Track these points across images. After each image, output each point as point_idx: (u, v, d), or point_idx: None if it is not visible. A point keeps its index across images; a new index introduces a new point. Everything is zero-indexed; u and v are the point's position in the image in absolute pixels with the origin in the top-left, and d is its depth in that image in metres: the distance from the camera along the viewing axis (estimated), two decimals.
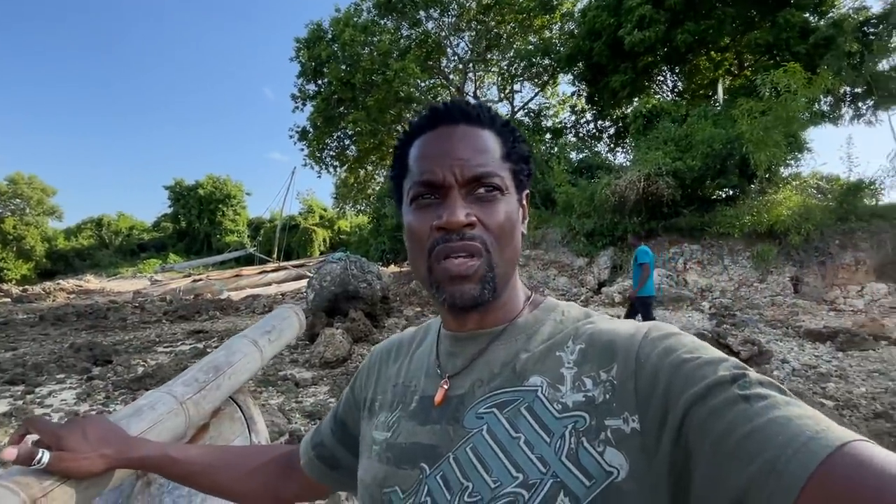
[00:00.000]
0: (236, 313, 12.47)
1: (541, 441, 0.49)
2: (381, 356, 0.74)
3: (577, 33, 16.88)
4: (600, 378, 0.51)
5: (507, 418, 0.53)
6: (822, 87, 10.81)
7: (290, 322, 1.41)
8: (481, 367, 0.59)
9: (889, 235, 10.12)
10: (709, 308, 9.14)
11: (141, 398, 0.87)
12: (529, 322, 0.61)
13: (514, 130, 0.62)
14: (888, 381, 4.86)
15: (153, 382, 5.30)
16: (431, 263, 0.57)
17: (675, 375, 0.45)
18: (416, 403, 0.62)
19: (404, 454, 0.58)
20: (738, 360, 0.46)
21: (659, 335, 0.51)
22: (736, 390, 0.42)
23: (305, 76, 21.00)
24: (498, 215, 0.57)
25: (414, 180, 0.59)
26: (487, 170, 0.57)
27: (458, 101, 0.61)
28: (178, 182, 44.82)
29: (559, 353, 0.56)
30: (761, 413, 0.39)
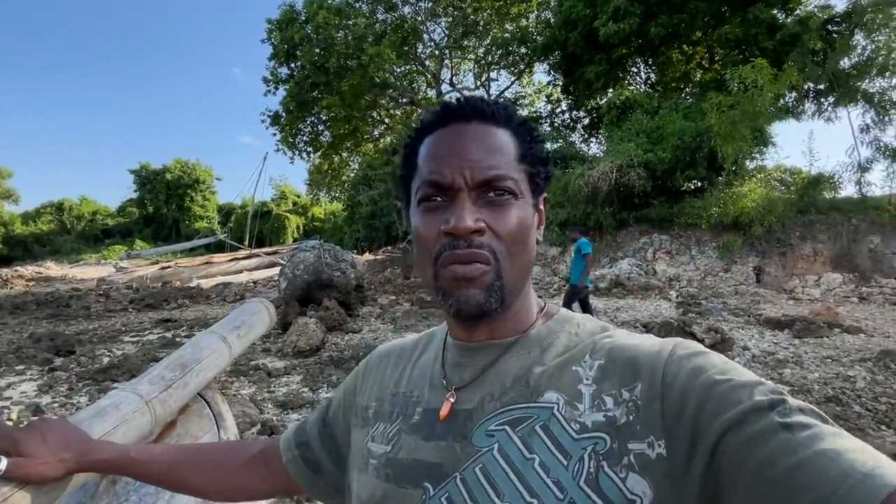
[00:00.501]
0: (206, 301, 12.21)
1: (557, 464, 0.46)
2: (379, 361, 0.70)
3: (554, 23, 16.91)
4: (622, 397, 0.48)
5: (520, 437, 0.49)
6: (787, 83, 11.15)
7: (260, 316, 1.39)
8: (492, 381, 0.55)
9: (845, 228, 10.60)
10: (676, 297, 9.42)
11: (104, 398, 0.85)
12: (543, 334, 0.58)
13: (531, 130, 0.59)
14: (839, 367, 5.13)
15: (119, 373, 5.17)
16: (437, 269, 0.54)
17: (706, 398, 0.42)
18: (418, 416, 0.58)
19: (406, 472, 0.54)
20: (715, 351, 0.46)
21: (686, 353, 0.48)
22: (776, 417, 0.39)
23: (278, 59, 20.45)
24: (509, 221, 0.53)
25: (422, 180, 0.56)
26: (500, 172, 0.53)
27: (473, 98, 0.57)
28: (143, 166, 43.32)
29: (576, 367, 0.52)
30: (806, 444, 0.36)
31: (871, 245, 10.27)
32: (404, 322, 7.95)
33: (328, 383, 5.02)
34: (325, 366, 5.65)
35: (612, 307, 8.46)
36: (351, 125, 22.14)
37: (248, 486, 0.73)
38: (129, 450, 0.72)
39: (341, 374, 5.29)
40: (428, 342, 0.68)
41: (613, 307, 8.47)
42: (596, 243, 8.26)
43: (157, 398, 0.91)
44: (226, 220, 41.03)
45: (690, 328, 6.11)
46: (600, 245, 12.13)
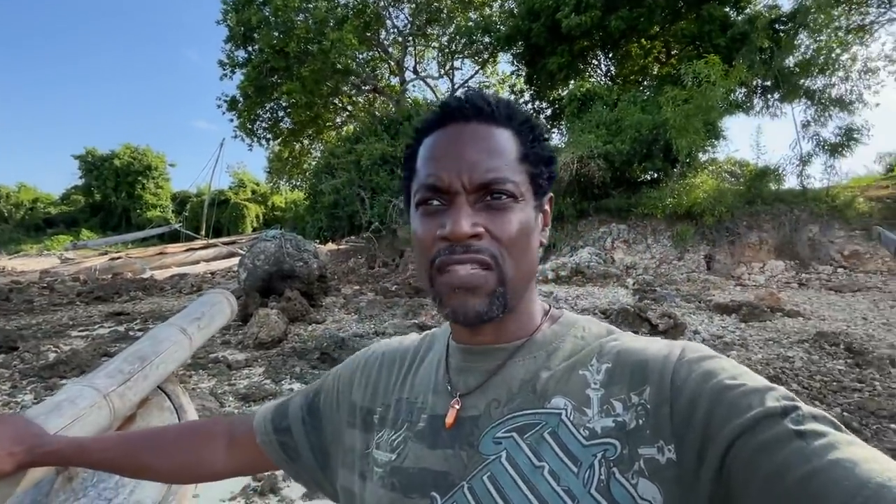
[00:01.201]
0: (161, 293, 11.76)
1: (567, 471, 0.46)
2: (378, 360, 0.68)
3: (517, 13, 16.97)
4: (631, 401, 0.47)
5: (528, 444, 0.49)
6: (738, 79, 11.65)
7: (221, 308, 1.38)
8: (498, 386, 0.54)
9: (787, 218, 11.24)
10: (633, 284, 9.77)
11: (59, 392, 0.83)
12: (549, 338, 0.57)
13: (534, 128, 0.57)
14: (780, 349, 5.49)
15: (68, 369, 4.94)
16: (433, 274, 0.52)
17: (716, 403, 0.42)
18: (424, 423, 0.56)
19: (413, 481, 0.53)
20: (660, 333, 0.48)
21: (696, 357, 0.47)
22: (789, 424, 0.38)
23: (234, 41, 19.66)
24: (509, 225, 0.52)
25: (420, 183, 0.54)
26: (498, 175, 0.52)
27: (473, 96, 0.55)
28: (89, 151, 40.88)
29: (583, 371, 0.52)
30: (821, 453, 0.36)
31: (811, 234, 10.95)
32: (368, 312, 7.92)
33: (291, 374, 4.97)
34: (287, 357, 5.57)
35: (572, 295, 8.70)
36: (312, 112, 21.62)
37: (213, 466, 0.71)
38: (83, 440, 0.71)
39: (304, 365, 5.24)
40: (430, 345, 0.66)
41: (574, 295, 8.72)
42: None
43: (116, 392, 0.89)
44: (180, 209, 39.40)
45: (646, 314, 6.37)
46: (561, 234, 12.41)
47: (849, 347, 5.22)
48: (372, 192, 14.36)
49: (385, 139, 15.50)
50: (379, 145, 14.96)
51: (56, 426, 0.76)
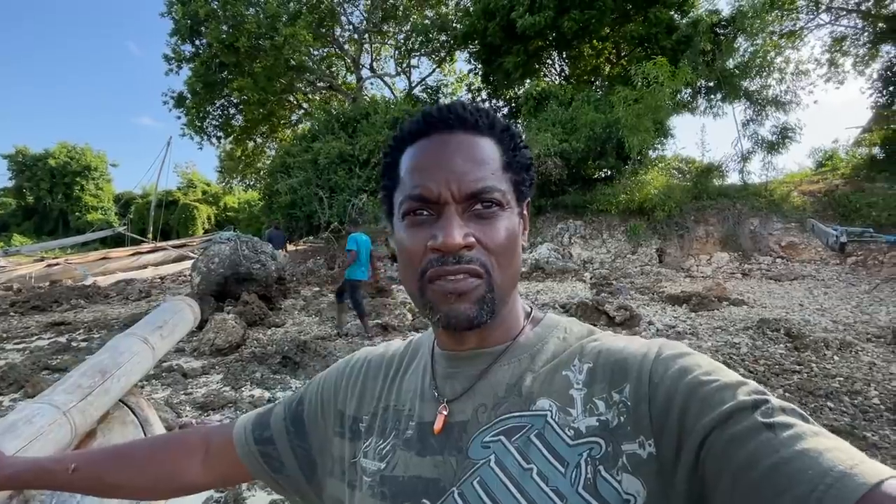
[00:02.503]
0: (106, 301, 11.12)
1: (555, 472, 0.46)
2: (363, 366, 0.68)
3: (473, 12, 17.08)
4: (612, 399, 0.48)
5: (516, 447, 0.49)
6: (683, 80, 12.20)
7: (184, 315, 1.33)
8: (484, 391, 0.55)
9: (731, 212, 11.89)
10: (590, 278, 10.07)
11: (13, 412, 0.78)
12: (532, 340, 0.58)
13: (514, 136, 0.57)
14: (727, 336, 5.80)
15: (4, 386, 4.60)
16: (424, 284, 0.53)
17: (691, 398, 0.43)
18: (412, 431, 0.57)
19: (403, 489, 0.53)
20: (617, 325, 0.50)
21: (672, 354, 0.49)
22: (759, 417, 0.40)
23: (180, 35, 18.79)
24: (498, 234, 0.53)
25: (406, 194, 0.54)
26: (487, 184, 0.52)
27: (455, 105, 0.55)
28: (20, 150, 38.08)
29: (566, 372, 0.53)
30: (787, 443, 0.37)
31: (752, 227, 11.62)
32: (329, 314, 7.79)
33: (252, 381, 4.82)
34: (247, 363, 5.40)
35: (532, 290, 8.88)
36: (265, 109, 21.01)
37: (189, 479, 0.68)
38: (42, 460, 0.67)
39: (265, 370, 5.10)
40: (414, 352, 0.66)
41: (534, 290, 8.89)
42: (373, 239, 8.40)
43: (76, 407, 0.84)
44: (124, 211, 37.39)
45: (603, 307, 6.58)
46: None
47: (788, 332, 5.59)
48: (330, 191, 14.11)
49: (342, 137, 15.25)
50: (336, 144, 14.70)
51: (12, 448, 0.71)
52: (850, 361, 4.69)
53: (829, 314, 6.77)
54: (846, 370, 4.44)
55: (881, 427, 3.34)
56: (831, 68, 15.13)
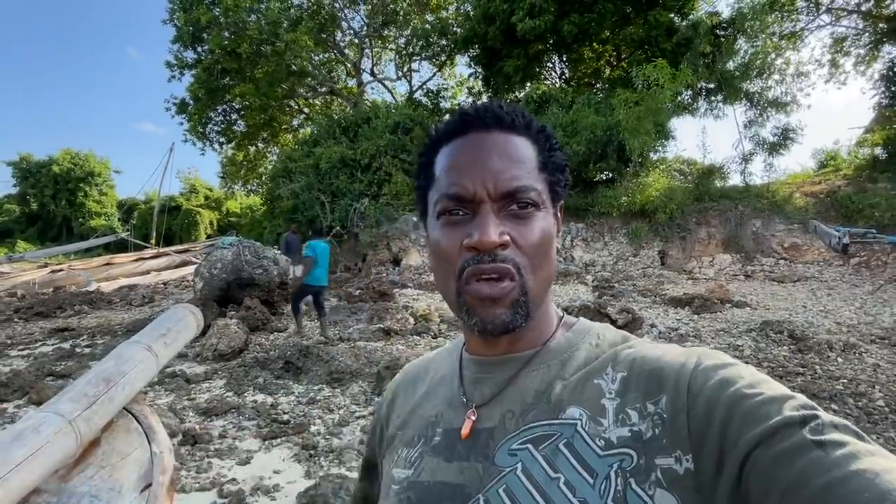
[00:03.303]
0: (109, 307, 11.16)
1: (583, 482, 0.45)
2: (400, 386, 0.69)
3: (473, 16, 17.15)
4: (647, 410, 0.46)
5: (543, 456, 0.48)
6: (684, 83, 12.21)
7: (187, 322, 1.34)
8: (512, 397, 0.54)
9: (733, 214, 11.87)
10: (592, 281, 10.07)
11: (20, 420, 0.79)
12: (563, 346, 0.56)
13: (550, 137, 0.57)
14: (730, 338, 5.79)
15: (9, 392, 4.62)
16: (461, 286, 0.52)
17: (733, 412, 0.41)
18: (440, 437, 0.57)
19: (428, 494, 0.53)
20: (619, 327, 0.49)
21: (712, 364, 0.46)
22: (808, 434, 0.37)
23: (182, 42, 18.95)
24: (533, 234, 0.52)
25: (442, 192, 0.54)
26: (523, 183, 0.52)
27: (491, 105, 0.55)
28: (24, 157, 38.38)
29: (598, 380, 0.51)
30: (841, 463, 0.35)
31: (754, 228, 11.61)
32: (332, 318, 7.80)
33: (254, 386, 4.83)
34: (249, 368, 5.42)
35: None
36: (267, 114, 21.11)
37: None
38: None
39: (268, 375, 5.11)
40: (444, 360, 0.67)
41: None
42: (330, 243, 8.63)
43: (82, 416, 0.85)
44: (127, 217, 37.47)
45: (606, 310, 6.57)
46: None
47: (791, 335, 5.57)
48: (332, 195, 14.15)
49: (344, 142, 15.30)
50: (338, 148, 14.75)
51: (20, 456, 0.72)
52: (854, 363, 4.68)
53: (832, 316, 6.76)
54: (850, 372, 4.43)
55: (886, 430, 3.33)
56: (832, 69, 15.15)
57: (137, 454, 1.00)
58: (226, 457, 3.31)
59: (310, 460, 3.24)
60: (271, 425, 3.81)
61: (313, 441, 3.51)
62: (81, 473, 0.94)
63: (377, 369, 4.85)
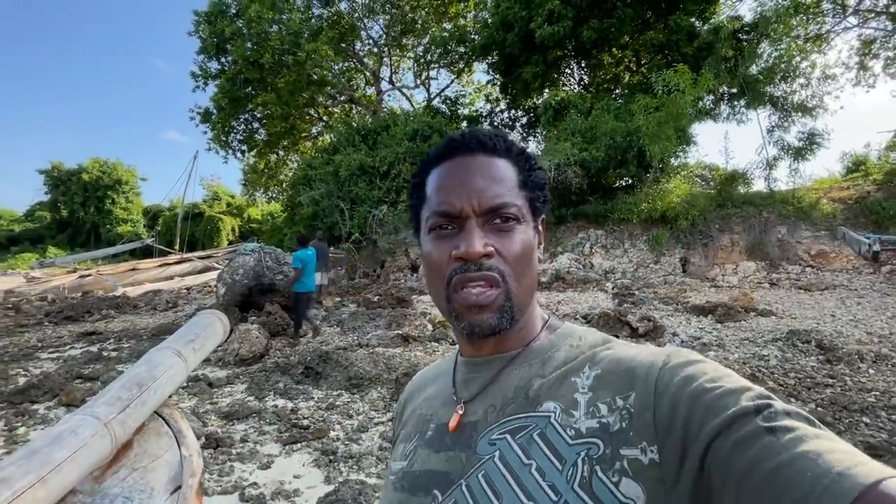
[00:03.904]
0: (135, 311, 11.44)
1: (553, 468, 0.48)
2: (409, 394, 0.75)
3: (491, 23, 17.22)
4: (616, 405, 0.50)
5: (519, 445, 0.52)
6: (705, 87, 12.04)
7: (214, 328, 1.37)
8: (495, 393, 0.59)
9: (757, 220, 11.62)
10: (612, 288, 9.94)
11: (60, 423, 0.82)
12: (545, 346, 0.61)
13: (529, 158, 0.63)
14: (755, 347, 5.65)
15: (40, 394, 4.76)
16: (450, 292, 0.57)
17: (695, 406, 0.44)
18: (431, 431, 0.62)
19: (418, 481, 0.58)
20: (640, 336, 0.51)
21: (679, 362, 0.50)
22: (760, 422, 0.40)
23: (207, 53, 19.44)
24: (515, 245, 0.57)
25: (432, 210, 0.60)
26: (504, 200, 0.57)
27: (476, 131, 0.61)
28: (55, 166, 39.66)
29: (574, 378, 0.55)
30: (789, 447, 0.38)
31: (779, 235, 11.34)
32: (351, 324, 7.86)
33: (275, 391, 4.89)
34: (270, 373, 5.48)
35: (553, 301, 8.80)
36: (288, 123, 21.48)
37: None
38: None
39: (288, 380, 5.17)
40: (445, 365, 0.72)
41: (555, 300, 8.82)
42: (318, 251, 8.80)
43: (116, 419, 0.88)
44: (153, 224, 38.47)
45: (626, 318, 6.49)
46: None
47: (820, 344, 5.41)
48: (351, 202, 14.29)
49: (363, 149, 15.47)
50: (357, 156, 14.91)
51: (60, 458, 0.75)
52: (887, 375, 4.52)
53: (863, 325, 6.54)
54: (882, 384, 4.28)
55: None
56: (860, 72, 14.76)
57: (168, 457, 1.03)
58: (247, 461, 3.35)
59: (329, 465, 3.26)
60: (291, 430, 3.85)
61: (333, 446, 3.53)
62: (115, 475, 0.97)
63: (396, 376, 4.87)
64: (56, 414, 4.35)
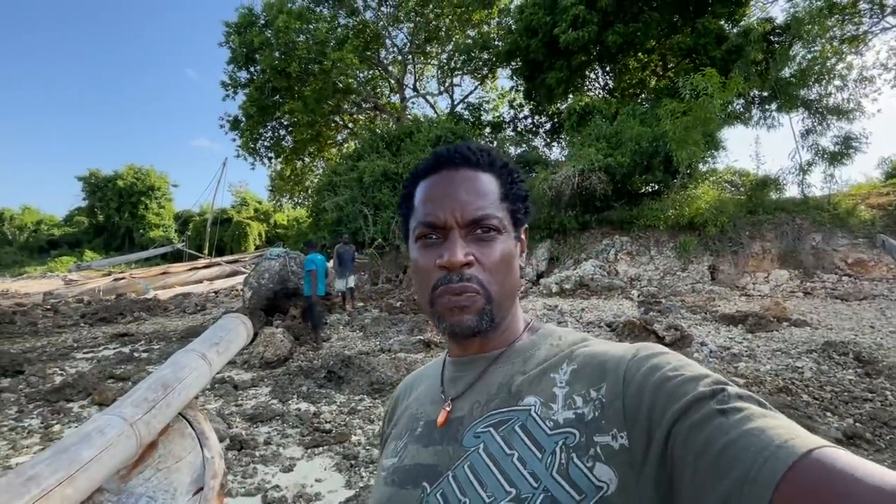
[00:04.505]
0: (165, 314, 11.77)
1: (533, 457, 0.52)
2: (398, 396, 0.79)
3: (515, 29, 17.21)
4: (590, 396, 0.53)
5: (502, 437, 0.55)
6: (734, 91, 11.74)
7: (238, 332, 1.39)
8: (480, 389, 0.63)
9: (790, 227, 11.24)
10: (637, 296, 9.75)
11: (88, 423, 0.84)
12: (526, 346, 0.65)
13: (512, 172, 0.67)
14: (788, 359, 5.45)
15: (74, 392, 4.93)
16: (434, 298, 0.61)
17: (658, 393, 0.47)
18: (421, 428, 0.65)
19: (408, 475, 0.61)
20: (667, 345, 0.52)
21: (646, 354, 0.53)
22: (714, 405, 0.43)
23: (236, 63, 19.99)
24: (494, 254, 0.61)
25: (419, 220, 0.64)
26: (486, 212, 0.61)
27: (461, 147, 0.65)
28: (93, 173, 41.34)
29: (553, 374, 0.58)
30: (736, 426, 0.41)
31: (814, 243, 10.94)
32: (373, 329, 7.91)
33: (298, 394, 4.95)
34: (294, 376, 5.56)
35: (577, 308, 8.68)
36: (314, 130, 21.87)
37: None
38: None
39: (311, 384, 5.23)
40: (433, 366, 0.76)
41: (579, 308, 8.70)
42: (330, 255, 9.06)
43: (142, 420, 0.90)
44: (183, 229, 39.60)
45: (652, 326, 6.34)
46: (564, 247, 12.41)
47: (858, 357, 5.19)
48: (375, 208, 14.43)
49: (387, 156, 15.62)
50: (381, 162, 15.07)
51: (87, 457, 0.76)
52: None
53: None
54: None
55: None
56: None
57: (191, 458, 1.05)
58: (270, 463, 3.39)
59: (350, 470, 3.27)
60: (314, 434, 3.88)
61: (354, 451, 3.54)
62: (140, 475, 0.99)
63: None
64: (89, 413, 4.49)
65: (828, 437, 3.41)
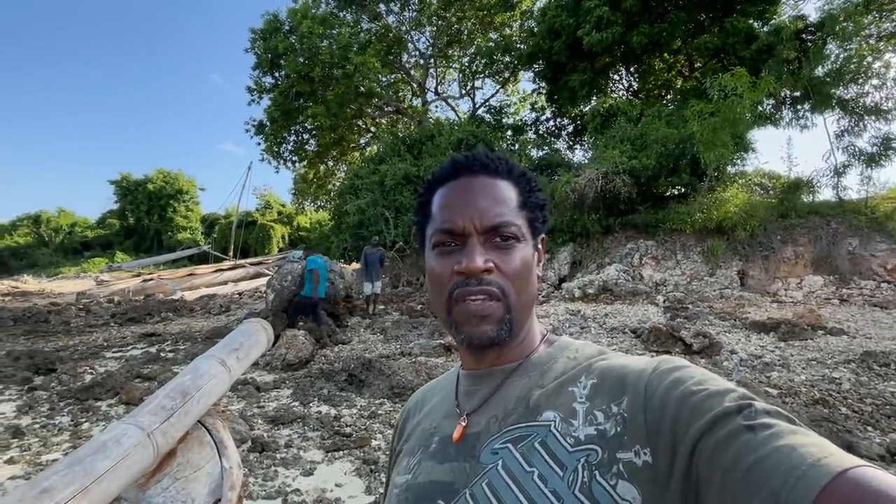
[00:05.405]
0: (191, 314, 12.01)
1: (554, 475, 0.50)
2: (410, 409, 0.77)
3: (537, 32, 17.09)
4: (611, 411, 0.52)
5: (521, 453, 0.54)
6: (765, 91, 11.40)
7: (258, 337, 1.37)
8: (496, 404, 0.61)
9: (824, 231, 10.83)
10: (663, 301, 9.52)
11: (104, 432, 0.82)
12: (543, 359, 0.63)
13: (530, 180, 0.66)
14: (825, 369, 5.22)
15: (103, 391, 5.04)
16: (451, 304, 0.60)
17: (681, 408, 0.46)
18: (435, 444, 0.63)
19: (422, 492, 0.59)
20: (694, 353, 0.47)
21: (668, 368, 0.52)
22: (741, 421, 0.42)
23: (262, 68, 20.35)
24: (514, 262, 0.60)
25: (436, 227, 0.62)
26: (504, 220, 0.60)
27: (479, 154, 0.64)
28: (124, 176, 42.61)
29: (572, 388, 0.57)
30: (765, 443, 0.39)
31: (850, 247, 10.52)
32: (394, 332, 7.90)
33: (319, 396, 4.96)
34: (315, 379, 5.58)
35: (600, 313, 8.52)
36: (336, 134, 22.08)
37: None
38: None
39: (332, 387, 5.23)
40: (446, 379, 0.74)
41: (602, 313, 8.53)
42: (327, 259, 9.09)
43: (159, 429, 0.88)
44: (209, 231, 40.48)
45: (679, 333, 6.17)
46: (587, 251, 12.22)
47: None
48: (396, 211, 14.47)
49: (408, 159, 15.67)
50: (402, 165, 15.12)
51: (103, 468, 0.74)
52: None
53: None
54: None
55: None
56: None
57: (209, 468, 1.02)
58: (291, 466, 3.39)
59: (370, 475, 3.25)
60: (334, 437, 3.87)
61: (374, 456, 3.52)
62: (158, 484, 0.97)
63: None
64: (116, 412, 4.58)
65: (869, 452, 3.24)
